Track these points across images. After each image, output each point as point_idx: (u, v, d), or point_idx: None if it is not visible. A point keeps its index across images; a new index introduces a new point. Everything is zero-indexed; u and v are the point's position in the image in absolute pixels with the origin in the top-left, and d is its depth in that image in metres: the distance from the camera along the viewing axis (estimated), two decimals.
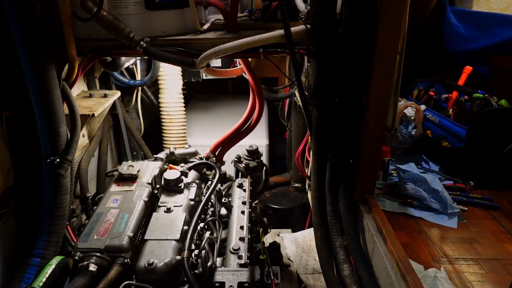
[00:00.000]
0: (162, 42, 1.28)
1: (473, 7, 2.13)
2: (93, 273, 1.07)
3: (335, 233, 1.34)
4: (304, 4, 1.37)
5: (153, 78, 2.33)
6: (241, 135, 1.83)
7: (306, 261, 1.96)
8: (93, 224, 1.21)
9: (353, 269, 1.23)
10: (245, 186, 1.55)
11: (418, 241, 1.27)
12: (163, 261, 1.08)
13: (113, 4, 1.22)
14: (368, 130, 1.24)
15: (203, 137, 2.57)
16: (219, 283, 1.05)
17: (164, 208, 1.32)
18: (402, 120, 1.76)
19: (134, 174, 1.42)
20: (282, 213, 2.50)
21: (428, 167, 1.72)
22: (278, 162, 3.33)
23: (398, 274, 1.04)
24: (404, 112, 1.74)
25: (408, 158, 1.73)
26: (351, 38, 1.16)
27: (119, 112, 2.31)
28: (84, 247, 1.13)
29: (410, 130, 1.74)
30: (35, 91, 1.14)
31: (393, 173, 1.62)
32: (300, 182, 2.61)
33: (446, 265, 1.16)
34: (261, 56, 1.28)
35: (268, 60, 1.38)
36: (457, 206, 1.39)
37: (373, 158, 1.30)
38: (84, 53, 1.28)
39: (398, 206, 1.43)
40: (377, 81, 1.17)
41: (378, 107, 1.21)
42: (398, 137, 1.75)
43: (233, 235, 1.26)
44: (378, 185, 1.49)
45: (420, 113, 1.75)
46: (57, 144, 1.23)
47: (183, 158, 1.73)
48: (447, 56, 2.12)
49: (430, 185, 1.44)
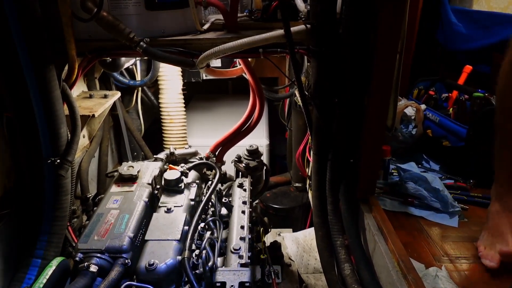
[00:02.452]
0: (162, 42, 1.28)
1: (473, 6, 2.13)
2: (94, 274, 1.07)
3: (335, 232, 1.34)
4: (304, 4, 1.37)
5: (153, 79, 2.33)
6: (241, 135, 1.83)
7: (307, 261, 1.96)
8: (94, 225, 1.21)
9: (354, 268, 1.23)
10: (245, 186, 1.55)
11: (419, 240, 1.27)
12: (163, 262, 1.08)
13: (113, 4, 1.22)
14: (368, 129, 1.24)
15: (203, 137, 2.57)
16: (220, 283, 1.05)
17: (164, 208, 1.32)
18: (403, 120, 1.75)
19: (134, 175, 1.42)
20: (283, 213, 2.50)
21: (429, 166, 1.72)
22: (278, 162, 3.33)
23: (399, 273, 1.05)
24: (405, 111, 1.74)
25: (409, 158, 1.73)
26: (351, 38, 1.16)
27: (119, 112, 2.31)
28: (85, 248, 1.13)
29: (410, 129, 1.74)
30: (35, 92, 1.14)
31: (393, 172, 1.61)
32: (301, 182, 2.61)
33: (447, 264, 1.16)
34: (261, 56, 1.28)
35: (268, 60, 1.38)
36: (458, 205, 1.39)
37: (373, 157, 1.30)
38: (84, 53, 1.28)
39: (399, 205, 1.43)
40: (378, 80, 1.17)
41: (379, 107, 1.21)
42: (399, 137, 1.74)
43: (234, 235, 1.26)
44: (379, 185, 1.49)
45: (421, 113, 1.75)
46: (57, 145, 1.23)
47: (183, 158, 1.73)
48: (447, 55, 2.12)
49: (430, 184, 1.44)
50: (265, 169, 1.80)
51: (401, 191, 1.47)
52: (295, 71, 1.28)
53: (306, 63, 1.75)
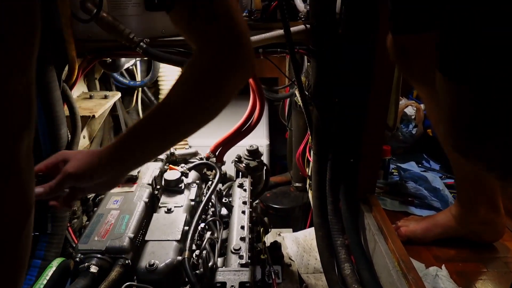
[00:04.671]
0: (162, 42, 1.28)
1: None
2: (94, 274, 1.07)
3: (336, 232, 1.34)
4: (304, 4, 1.37)
5: (153, 79, 2.33)
6: (241, 135, 1.83)
7: (307, 261, 1.96)
8: (94, 226, 1.21)
9: (354, 268, 1.23)
10: (245, 186, 1.55)
11: None
12: (164, 262, 1.08)
13: (112, 5, 1.22)
14: (369, 129, 1.24)
15: (203, 137, 2.54)
16: (221, 283, 1.05)
17: (164, 208, 1.31)
18: (403, 119, 1.76)
19: (134, 175, 1.42)
20: (283, 213, 2.50)
21: (429, 166, 1.72)
22: (278, 162, 3.33)
23: (400, 273, 1.05)
24: (405, 111, 1.74)
25: (409, 157, 1.73)
26: (351, 38, 1.16)
27: (119, 113, 2.30)
28: (85, 248, 1.13)
29: (410, 129, 1.74)
30: (35, 93, 1.14)
31: (394, 172, 1.61)
32: (301, 182, 2.61)
33: (447, 263, 1.16)
34: (261, 56, 1.28)
35: (268, 60, 1.38)
36: None
37: (374, 157, 1.30)
38: (84, 54, 1.28)
39: (399, 205, 1.43)
40: (378, 81, 1.17)
41: (379, 106, 1.21)
42: (399, 136, 1.75)
43: (234, 235, 1.26)
44: (379, 184, 1.49)
45: (421, 112, 1.75)
46: (58, 145, 1.23)
47: (184, 158, 1.73)
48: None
49: (431, 184, 1.44)
50: (265, 169, 1.80)
51: (401, 190, 1.47)
52: (295, 71, 1.28)
53: (306, 63, 1.75)
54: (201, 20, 0.67)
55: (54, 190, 0.74)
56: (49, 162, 0.78)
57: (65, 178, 0.73)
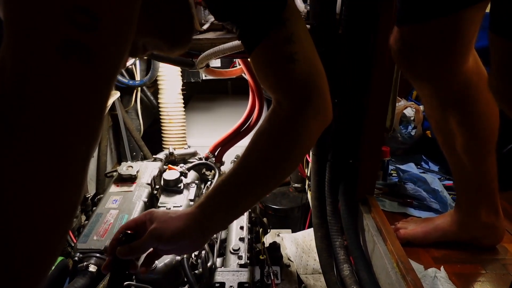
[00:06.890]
0: None
1: None
2: (93, 273, 1.07)
3: (335, 233, 1.34)
4: (304, 4, 1.37)
5: (153, 79, 2.33)
6: (240, 135, 1.83)
7: (306, 261, 1.96)
8: (93, 225, 1.21)
9: (353, 269, 1.23)
10: None
11: None
12: (163, 262, 1.08)
13: None
14: (368, 130, 1.24)
15: (202, 138, 2.56)
16: (219, 283, 1.05)
17: (163, 208, 1.31)
18: (402, 121, 1.76)
19: (133, 175, 1.42)
20: (282, 213, 2.50)
21: (428, 167, 1.72)
22: None
23: (398, 274, 1.04)
24: (404, 112, 1.74)
25: (408, 158, 1.73)
26: (351, 38, 1.16)
27: (118, 112, 2.30)
28: (84, 247, 1.12)
29: (409, 130, 1.74)
30: None
31: (392, 173, 1.62)
32: (300, 183, 2.61)
33: (446, 265, 1.16)
34: None
35: None
36: None
37: (373, 158, 1.30)
38: None
39: (398, 206, 1.43)
40: (377, 81, 1.17)
41: (378, 107, 1.21)
42: (398, 138, 1.75)
43: (233, 236, 1.26)
44: (378, 185, 1.49)
45: (420, 114, 1.75)
46: None
47: (183, 158, 1.73)
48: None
49: (430, 185, 1.44)
50: None
51: (400, 192, 1.47)
52: None
53: None
54: (282, 59, 0.67)
55: (137, 251, 0.76)
56: (138, 219, 0.79)
57: (151, 239, 0.74)
